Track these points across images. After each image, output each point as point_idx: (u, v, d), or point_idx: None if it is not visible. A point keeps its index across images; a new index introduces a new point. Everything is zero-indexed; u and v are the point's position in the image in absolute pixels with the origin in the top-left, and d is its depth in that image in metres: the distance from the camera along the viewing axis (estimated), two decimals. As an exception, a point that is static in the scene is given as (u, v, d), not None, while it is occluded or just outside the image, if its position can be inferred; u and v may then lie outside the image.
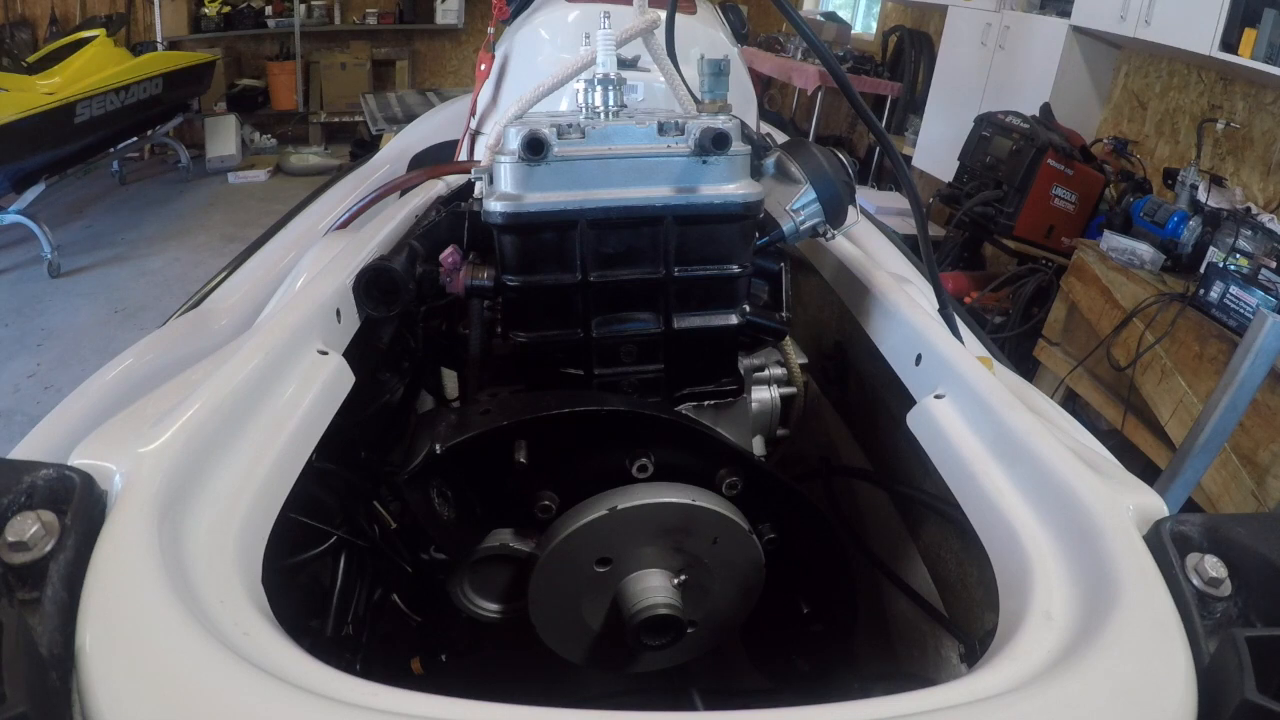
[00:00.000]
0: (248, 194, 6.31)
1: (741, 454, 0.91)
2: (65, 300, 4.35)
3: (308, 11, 7.52)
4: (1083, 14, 3.94)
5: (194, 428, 0.59)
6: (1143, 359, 2.84)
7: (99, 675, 0.40)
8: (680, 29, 1.19)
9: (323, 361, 0.80)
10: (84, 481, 0.50)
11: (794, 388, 1.14)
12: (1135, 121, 4.07)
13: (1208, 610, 0.50)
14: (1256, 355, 2.14)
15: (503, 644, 0.99)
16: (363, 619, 0.98)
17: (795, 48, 6.50)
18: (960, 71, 4.97)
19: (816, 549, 0.98)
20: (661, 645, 0.84)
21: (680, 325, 0.99)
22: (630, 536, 0.85)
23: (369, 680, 0.44)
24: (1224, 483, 2.50)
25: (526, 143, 0.86)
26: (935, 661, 1.00)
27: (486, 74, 1.80)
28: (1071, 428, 0.87)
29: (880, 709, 0.44)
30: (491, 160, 0.94)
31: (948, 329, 0.94)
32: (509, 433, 0.85)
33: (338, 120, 7.61)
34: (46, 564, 0.45)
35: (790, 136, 1.58)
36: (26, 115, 4.40)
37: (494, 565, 0.90)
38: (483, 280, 0.98)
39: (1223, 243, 2.86)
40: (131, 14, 6.79)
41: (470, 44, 8.15)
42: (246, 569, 0.54)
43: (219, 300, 1.33)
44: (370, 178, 2.07)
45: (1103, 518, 0.56)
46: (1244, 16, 2.98)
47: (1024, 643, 0.50)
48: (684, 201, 0.92)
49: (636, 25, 1.12)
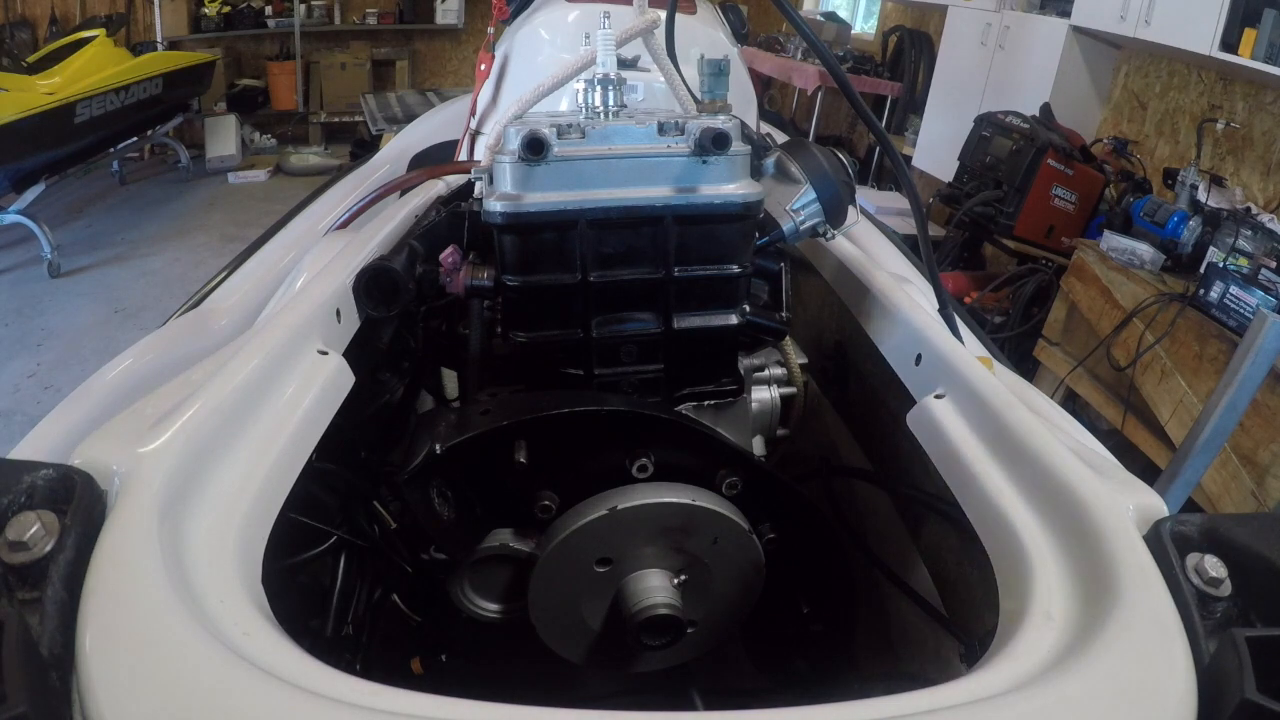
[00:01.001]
0: (248, 194, 6.31)
1: (741, 454, 0.91)
2: (65, 300, 4.35)
3: (308, 11, 7.52)
4: (1083, 14, 3.94)
5: (194, 428, 0.59)
6: (1143, 359, 2.84)
7: (99, 675, 0.40)
8: (680, 29, 1.19)
9: (323, 361, 0.80)
10: (84, 481, 0.50)
11: (794, 388, 1.14)
12: (1135, 121, 4.07)
13: (1208, 610, 0.50)
14: (1256, 355, 2.14)
15: (503, 644, 0.99)
16: (363, 619, 0.98)
17: (795, 48, 6.50)
18: (960, 71, 4.97)
19: (816, 549, 0.98)
20: (661, 645, 0.83)
21: (680, 325, 0.99)
22: (630, 536, 0.85)
23: (369, 680, 0.44)
24: (1224, 483, 2.50)
25: (526, 143, 0.86)
26: (935, 661, 1.00)
27: (486, 74, 1.80)
28: (1071, 428, 0.87)
29: (880, 709, 0.44)
30: (491, 160, 0.94)
31: (948, 329, 0.94)
32: (509, 433, 0.85)
33: (338, 120, 7.61)
34: (46, 564, 0.45)
35: (790, 136, 1.58)
36: (26, 115, 4.40)
37: (494, 565, 0.90)
38: (483, 280, 0.98)
39: (1223, 243, 2.86)
40: (131, 14, 6.79)
41: (470, 44, 8.15)
42: (246, 569, 0.54)
43: (219, 300, 1.33)
44: (370, 178, 2.07)
45: (1103, 518, 0.56)
46: (1244, 16, 2.98)
47: (1024, 643, 0.50)
48: (684, 201, 0.92)
49: (636, 25, 1.12)
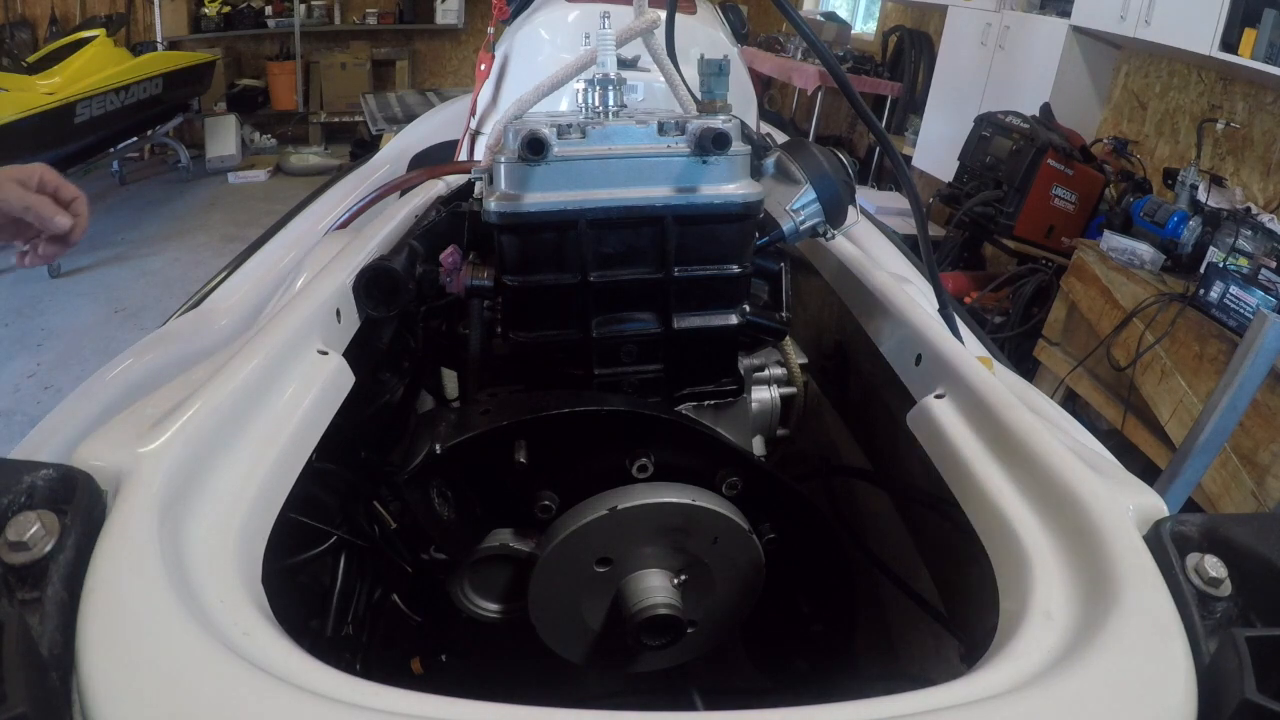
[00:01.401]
0: (248, 194, 6.31)
1: (741, 454, 0.91)
2: (65, 300, 4.35)
3: (308, 11, 7.52)
4: (1083, 14, 3.94)
5: (194, 428, 0.59)
6: (1143, 359, 2.84)
7: (99, 675, 0.40)
8: (680, 29, 1.19)
9: (323, 361, 0.80)
10: (84, 481, 0.50)
11: (794, 388, 1.13)
12: (1135, 121, 4.07)
13: (1208, 610, 0.50)
14: (1256, 355, 2.14)
15: (503, 644, 0.99)
16: (363, 619, 0.98)
17: (795, 48, 6.50)
18: (960, 71, 4.97)
19: (816, 549, 0.98)
20: (661, 645, 0.83)
21: (680, 325, 0.99)
22: (630, 536, 0.85)
23: (369, 680, 0.44)
24: (1224, 483, 2.50)
25: (526, 143, 0.86)
26: (935, 661, 1.00)
27: (486, 74, 1.80)
28: (1071, 428, 0.87)
29: (880, 709, 0.44)
30: (491, 160, 0.94)
31: (948, 329, 0.94)
32: (509, 433, 0.84)
33: (338, 120, 7.61)
34: (47, 564, 0.45)
35: (790, 136, 1.58)
36: (26, 115, 4.40)
37: (494, 565, 0.90)
38: (483, 280, 0.98)
39: (1223, 243, 2.86)
40: (131, 14, 6.79)
41: (470, 44, 8.15)
42: (246, 569, 0.54)
43: (219, 300, 1.33)
44: (370, 178, 2.08)
45: (1103, 518, 0.56)
46: (1244, 16, 2.98)
47: (1024, 642, 0.50)
48: (684, 201, 0.92)
49: (636, 25, 1.12)
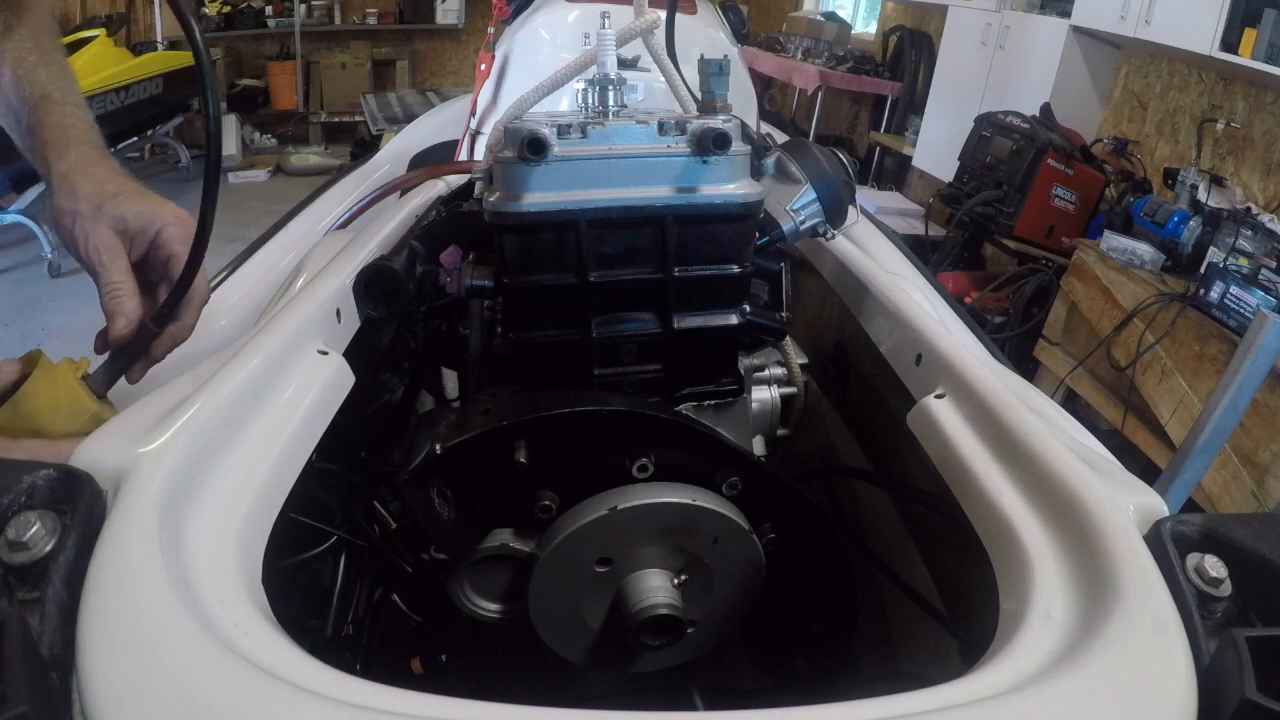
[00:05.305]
0: (248, 194, 6.31)
1: (742, 454, 0.91)
2: (66, 300, 4.34)
3: (308, 11, 7.52)
4: (1083, 14, 3.94)
5: (194, 428, 0.59)
6: (1143, 359, 2.84)
7: (99, 675, 0.40)
8: (680, 29, 1.19)
9: (323, 361, 0.80)
10: (84, 481, 0.50)
11: (794, 388, 1.13)
12: (1135, 121, 4.07)
13: (1208, 610, 0.50)
14: (1256, 355, 2.14)
15: (503, 644, 0.99)
16: (363, 619, 0.98)
17: (795, 48, 6.50)
18: (960, 71, 4.97)
19: (816, 549, 0.98)
20: (662, 645, 0.83)
21: (680, 325, 0.99)
22: (630, 536, 0.85)
23: (369, 680, 0.44)
24: (1224, 483, 2.50)
25: (526, 143, 0.86)
26: (935, 661, 1.00)
27: (486, 74, 1.81)
28: (1071, 428, 0.87)
29: (880, 709, 0.44)
30: (491, 160, 0.94)
31: (947, 329, 0.94)
32: (509, 433, 0.84)
33: (338, 120, 7.60)
34: (47, 564, 0.45)
35: (790, 136, 1.58)
36: (26, 115, 4.39)
37: (494, 565, 0.90)
38: (483, 280, 0.98)
39: (1223, 243, 2.86)
40: (131, 14, 6.80)
41: (470, 44, 8.15)
42: (246, 569, 0.54)
43: (219, 300, 1.33)
44: (370, 178, 2.08)
45: (1103, 518, 0.56)
46: (1244, 16, 2.98)
47: (1024, 642, 0.50)
48: (684, 201, 0.92)
49: (636, 25, 1.12)
